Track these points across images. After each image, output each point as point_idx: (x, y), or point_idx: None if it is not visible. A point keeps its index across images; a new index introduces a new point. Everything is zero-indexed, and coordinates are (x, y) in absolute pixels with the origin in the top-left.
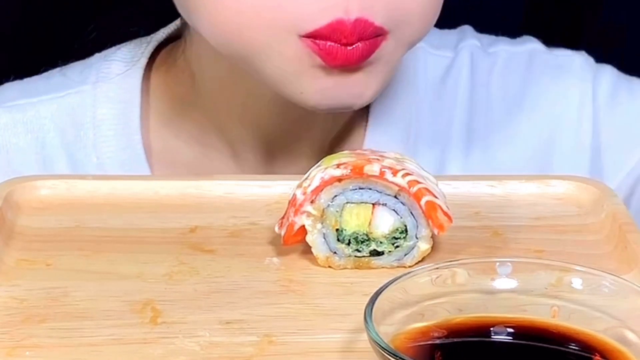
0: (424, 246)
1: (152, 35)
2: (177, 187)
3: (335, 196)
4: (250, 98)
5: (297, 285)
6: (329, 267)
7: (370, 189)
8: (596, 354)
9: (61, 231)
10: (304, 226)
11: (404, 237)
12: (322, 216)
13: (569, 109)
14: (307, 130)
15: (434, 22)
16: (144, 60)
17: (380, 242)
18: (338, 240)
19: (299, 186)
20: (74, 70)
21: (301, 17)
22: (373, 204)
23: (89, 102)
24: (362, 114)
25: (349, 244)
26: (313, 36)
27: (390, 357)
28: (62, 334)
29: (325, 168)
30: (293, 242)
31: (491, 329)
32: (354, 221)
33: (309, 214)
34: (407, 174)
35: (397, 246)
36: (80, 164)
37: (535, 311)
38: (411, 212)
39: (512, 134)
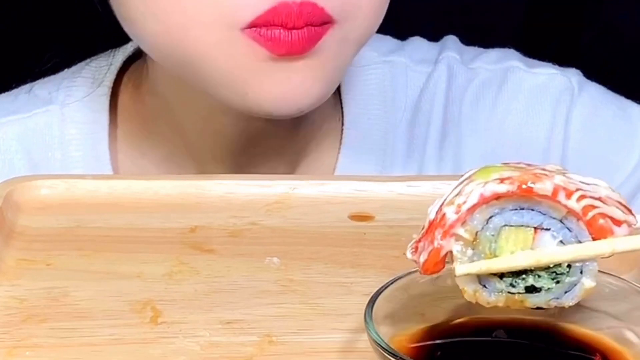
0: (588, 283)
1: (120, 49)
2: (177, 187)
3: (491, 217)
4: (215, 115)
5: (297, 285)
6: (476, 302)
7: (532, 209)
8: (596, 354)
9: (61, 231)
10: (450, 252)
11: (567, 273)
12: (473, 241)
13: (538, 133)
14: (278, 148)
15: (380, 20)
16: (110, 78)
17: (539, 277)
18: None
19: (450, 203)
20: (42, 88)
21: (239, 7)
22: (535, 228)
23: (55, 122)
24: (336, 132)
25: (502, 277)
26: (255, 25)
27: (390, 357)
28: (62, 334)
29: (485, 182)
30: (434, 271)
31: (491, 329)
32: (510, 249)
33: (459, 238)
34: (583, 197)
35: (558, 282)
36: None
37: (535, 311)
38: (579, 242)
39: (480, 153)
